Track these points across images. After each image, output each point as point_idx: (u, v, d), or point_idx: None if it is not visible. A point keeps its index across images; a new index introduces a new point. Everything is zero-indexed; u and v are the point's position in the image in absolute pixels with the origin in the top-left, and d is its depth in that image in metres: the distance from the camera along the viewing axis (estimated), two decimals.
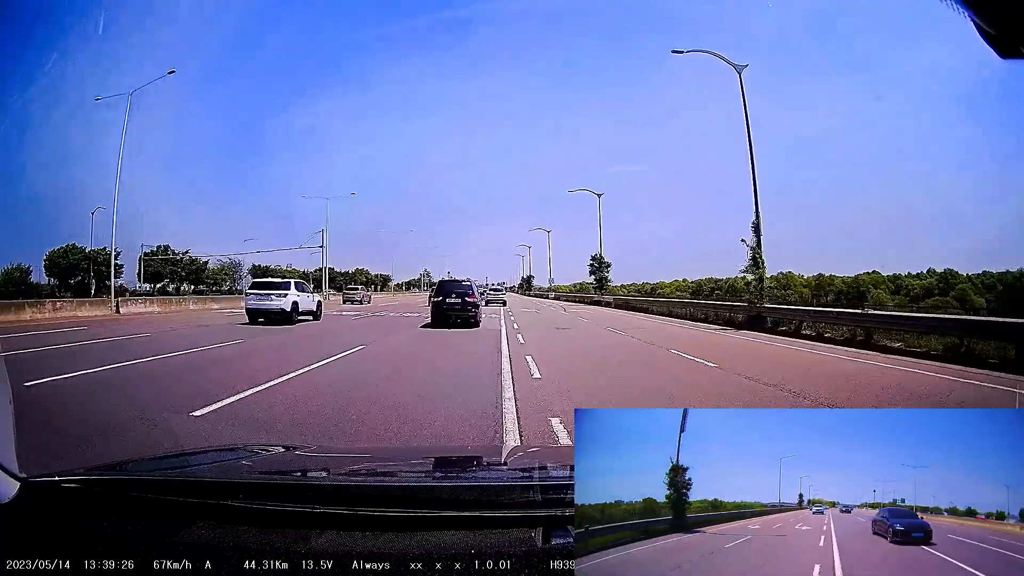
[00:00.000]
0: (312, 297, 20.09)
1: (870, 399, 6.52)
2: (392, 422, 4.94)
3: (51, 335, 12.73)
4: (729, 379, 7.82)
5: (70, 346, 10.68)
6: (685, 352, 10.81)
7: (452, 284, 17.82)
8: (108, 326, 16.01)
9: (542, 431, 4.66)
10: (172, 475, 1.54)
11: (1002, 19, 0.74)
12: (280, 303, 17.32)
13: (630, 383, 7.54)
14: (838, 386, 7.27)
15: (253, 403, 5.64)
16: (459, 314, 16.38)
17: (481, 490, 1.29)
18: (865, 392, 6.99)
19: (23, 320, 17.94)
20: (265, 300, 17.41)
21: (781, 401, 6.22)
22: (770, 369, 8.83)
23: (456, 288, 17.17)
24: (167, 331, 14.46)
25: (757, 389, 6.94)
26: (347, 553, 0.98)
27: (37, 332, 13.40)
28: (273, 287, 18.36)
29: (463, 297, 16.66)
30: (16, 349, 9.48)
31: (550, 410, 5.38)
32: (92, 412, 5.17)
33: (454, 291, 16.94)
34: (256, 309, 17.26)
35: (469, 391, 6.58)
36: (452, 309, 16.46)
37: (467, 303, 16.55)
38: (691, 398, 6.45)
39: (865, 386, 7.39)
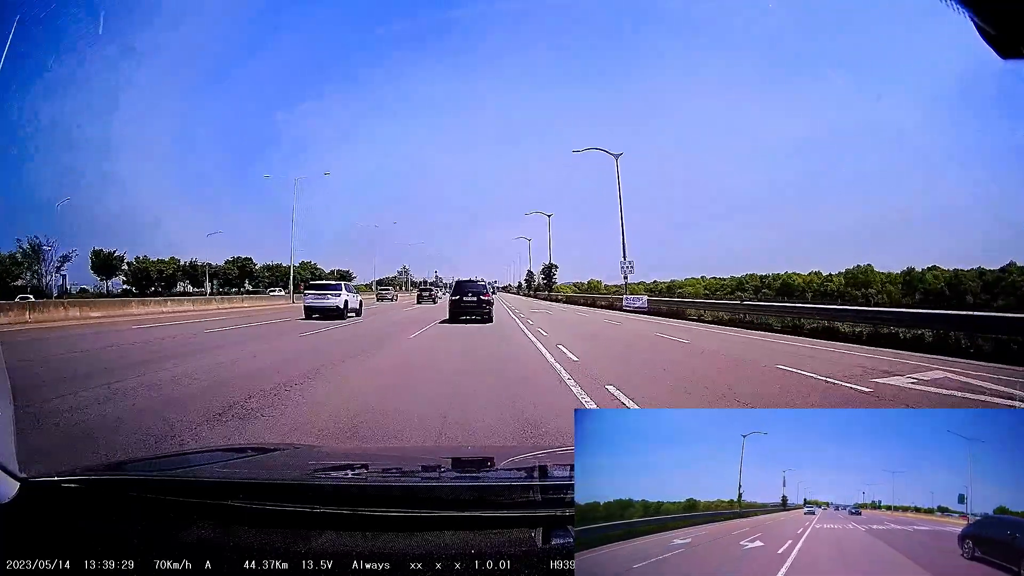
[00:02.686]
0: (356, 296, 22.66)
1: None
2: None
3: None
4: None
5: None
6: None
7: (469, 284, 20.28)
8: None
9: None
10: (172, 475, 1.54)
11: (1002, 19, 0.74)
12: (335, 301, 19.91)
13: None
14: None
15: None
16: (475, 310, 18.65)
17: (481, 490, 1.29)
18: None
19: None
20: (322, 299, 20.01)
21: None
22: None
23: (472, 287, 19.70)
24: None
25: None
26: (347, 553, 0.99)
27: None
28: (328, 288, 21.13)
29: (479, 295, 19.02)
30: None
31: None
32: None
33: (470, 290, 19.43)
34: (313, 306, 19.84)
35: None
36: (469, 306, 18.79)
37: (482, 300, 18.85)
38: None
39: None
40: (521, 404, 5.35)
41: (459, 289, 19.87)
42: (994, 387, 6.80)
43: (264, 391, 5.72)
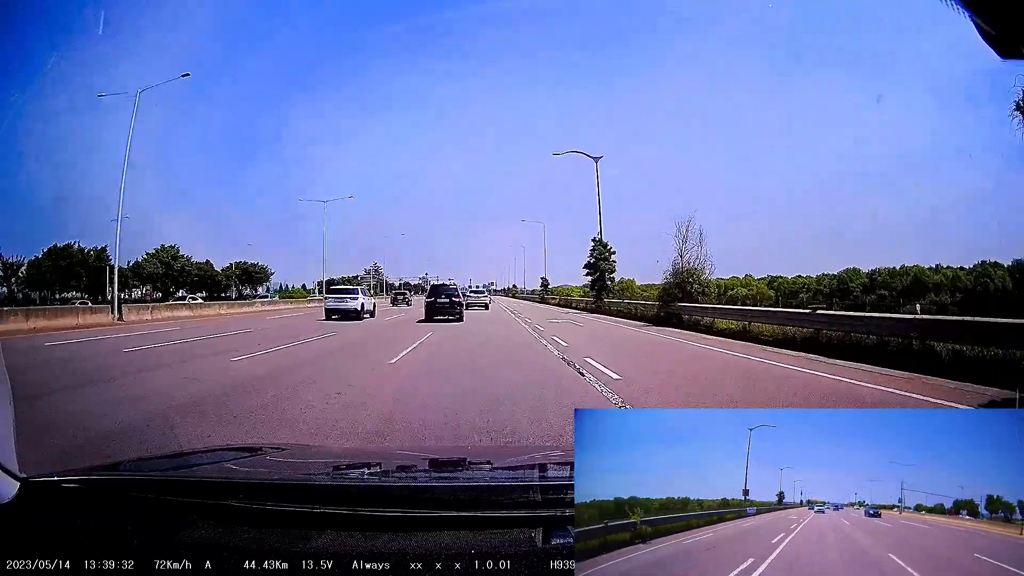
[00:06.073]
0: (371, 300, 25.02)
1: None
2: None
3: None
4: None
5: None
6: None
7: (442, 287, 22.61)
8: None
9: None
10: (172, 475, 1.54)
11: (1002, 19, 0.74)
12: (353, 304, 21.91)
13: None
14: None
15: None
16: (447, 311, 20.63)
17: (481, 490, 1.29)
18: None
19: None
20: (341, 302, 22.01)
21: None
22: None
23: (445, 291, 21.97)
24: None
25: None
26: (347, 553, 0.98)
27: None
28: (347, 292, 23.43)
29: (451, 298, 21.15)
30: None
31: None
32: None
33: (444, 293, 21.61)
34: (333, 308, 21.78)
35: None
36: (442, 307, 20.71)
37: (454, 302, 20.99)
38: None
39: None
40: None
41: (434, 292, 22.05)
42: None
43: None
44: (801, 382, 7.44)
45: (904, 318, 10.41)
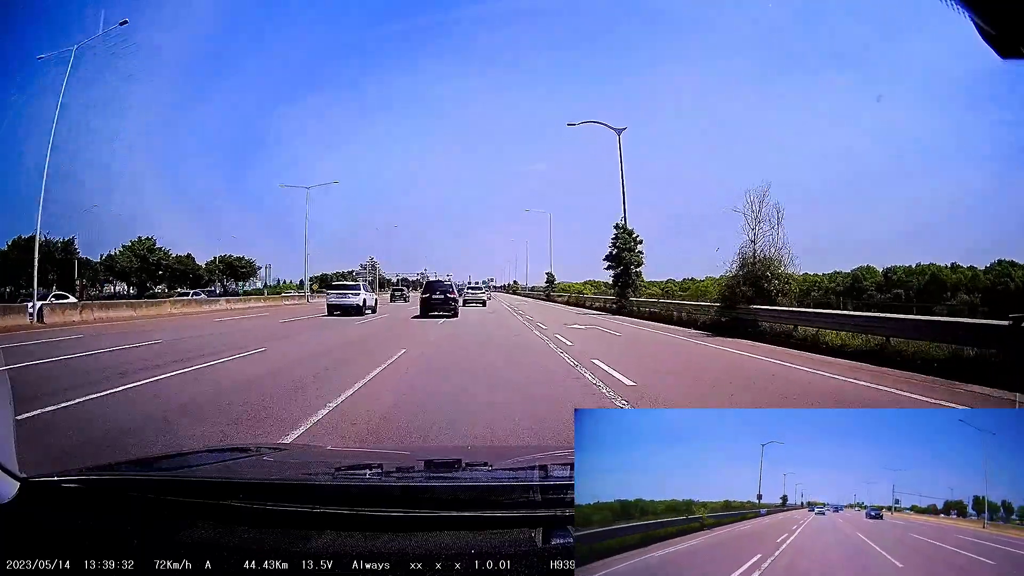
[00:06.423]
0: (372, 296, 25.16)
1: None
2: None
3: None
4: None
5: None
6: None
7: (438, 283, 23.34)
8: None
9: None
10: (172, 475, 1.54)
11: (1002, 19, 0.74)
12: (355, 300, 22.12)
13: None
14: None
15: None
16: (442, 306, 21.07)
17: (481, 490, 1.29)
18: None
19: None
20: (343, 298, 22.20)
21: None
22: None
23: (440, 287, 22.54)
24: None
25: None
26: (347, 553, 0.98)
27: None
28: (348, 288, 23.63)
29: (445, 294, 21.70)
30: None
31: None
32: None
33: (439, 289, 22.18)
34: (336, 304, 21.93)
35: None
36: (436, 302, 21.16)
37: (448, 298, 21.53)
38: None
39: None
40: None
41: (429, 288, 22.67)
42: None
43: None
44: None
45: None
